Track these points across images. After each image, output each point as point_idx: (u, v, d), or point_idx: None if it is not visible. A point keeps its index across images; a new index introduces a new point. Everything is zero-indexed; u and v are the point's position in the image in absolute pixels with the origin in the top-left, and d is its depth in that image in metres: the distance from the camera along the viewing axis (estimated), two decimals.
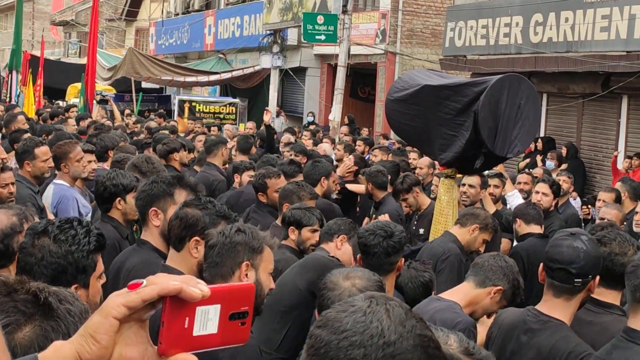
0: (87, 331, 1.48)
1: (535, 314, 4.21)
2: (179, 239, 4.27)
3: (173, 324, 1.48)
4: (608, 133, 18.93)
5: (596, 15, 16.71)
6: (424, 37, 27.34)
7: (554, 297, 4.15)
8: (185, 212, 4.29)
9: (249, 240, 3.83)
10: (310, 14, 24.90)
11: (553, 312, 4.14)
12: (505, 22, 19.58)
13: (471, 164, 7.42)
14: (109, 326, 1.46)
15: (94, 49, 23.22)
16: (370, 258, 4.94)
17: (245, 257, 3.81)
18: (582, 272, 4.06)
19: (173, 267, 4.22)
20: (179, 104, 30.61)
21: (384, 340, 1.61)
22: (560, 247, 4.12)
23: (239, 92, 34.37)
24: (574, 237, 4.13)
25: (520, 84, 7.21)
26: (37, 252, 3.34)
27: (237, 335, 1.55)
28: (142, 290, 1.46)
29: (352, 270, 3.68)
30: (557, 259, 4.09)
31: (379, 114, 26.39)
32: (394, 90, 7.98)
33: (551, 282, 4.15)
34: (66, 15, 56.93)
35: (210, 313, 1.51)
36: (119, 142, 10.90)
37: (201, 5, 40.39)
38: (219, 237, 3.86)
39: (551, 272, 4.14)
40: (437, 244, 6.75)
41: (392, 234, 4.95)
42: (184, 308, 1.48)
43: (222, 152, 10.72)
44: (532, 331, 4.18)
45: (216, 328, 1.52)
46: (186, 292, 1.47)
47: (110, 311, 1.46)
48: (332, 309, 1.72)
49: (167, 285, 1.46)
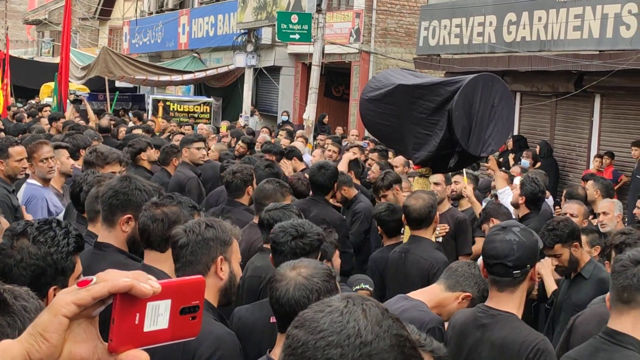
0: (36, 330, 1.45)
1: (484, 309, 4.28)
2: (163, 239, 4.22)
3: (124, 320, 1.47)
4: (581, 132, 19.04)
5: (569, 14, 16.81)
6: (398, 37, 27.38)
7: (499, 291, 4.22)
8: (164, 212, 4.26)
9: (219, 235, 3.83)
10: (285, 13, 24.90)
11: (501, 305, 4.20)
12: (478, 21, 19.66)
13: (445, 163, 7.44)
14: (59, 324, 1.43)
15: (67, 48, 23.12)
16: (277, 256, 4.67)
17: (218, 251, 3.82)
18: (519, 264, 4.12)
19: (155, 267, 4.19)
20: (153, 103, 30.47)
21: (360, 340, 1.61)
22: (494, 242, 4.19)
23: (213, 91, 34.31)
24: (506, 230, 4.20)
25: (494, 84, 7.23)
26: (16, 253, 3.32)
27: (187, 330, 1.54)
28: (92, 287, 1.44)
29: (299, 261, 3.62)
30: (493, 255, 4.17)
31: (353, 113, 26.41)
32: (368, 89, 7.98)
33: (493, 278, 4.23)
34: (39, 14, 56.62)
35: (160, 308, 1.50)
36: (91, 141, 10.86)
37: (175, 4, 40.28)
38: (189, 235, 3.83)
39: (490, 267, 4.21)
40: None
41: (304, 235, 4.68)
42: (134, 304, 1.47)
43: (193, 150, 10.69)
44: (484, 326, 4.23)
45: (167, 323, 1.51)
46: (137, 288, 1.45)
47: (59, 309, 1.43)
48: (309, 309, 1.71)
49: (117, 282, 1.44)
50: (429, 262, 6.50)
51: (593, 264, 6.30)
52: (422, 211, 6.55)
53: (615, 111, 18.14)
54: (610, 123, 18.24)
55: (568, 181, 18.44)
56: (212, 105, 31.17)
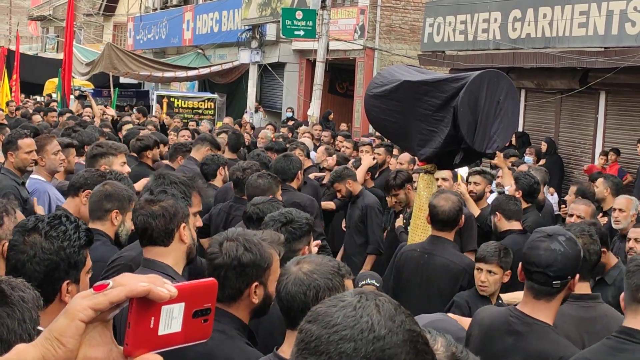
0: (52, 334, 1.45)
1: (519, 315, 4.15)
2: (167, 233, 4.23)
3: (139, 324, 1.47)
4: (586, 129, 19.03)
5: (574, 11, 16.79)
6: (403, 33, 27.38)
7: (535, 299, 4.10)
8: (163, 207, 4.27)
9: (257, 260, 3.69)
10: (289, 9, 24.92)
11: (536, 313, 4.09)
12: (483, 17, 19.64)
13: (450, 159, 7.42)
14: (75, 329, 1.43)
15: (71, 43, 23.13)
16: None
17: (254, 277, 3.69)
18: (561, 275, 4.01)
19: (159, 260, 4.21)
20: (157, 99, 30.48)
21: (374, 334, 1.62)
22: (538, 249, 4.06)
23: (218, 88, 34.33)
24: (551, 238, 4.07)
25: (500, 80, 7.22)
26: (28, 249, 3.32)
27: (200, 333, 1.55)
28: (109, 292, 1.44)
29: (306, 257, 3.61)
30: (535, 262, 4.04)
31: (358, 110, 26.43)
32: (373, 85, 7.97)
33: (531, 285, 4.11)
34: (44, 10, 56.70)
35: (174, 312, 1.51)
36: (97, 137, 10.88)
37: (179, 0, 40.30)
38: (224, 258, 3.70)
39: (530, 274, 4.09)
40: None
41: (292, 220, 4.81)
42: (150, 308, 1.47)
43: (205, 150, 10.68)
44: (518, 334, 4.13)
45: (180, 326, 1.52)
46: (154, 292, 1.45)
47: (76, 314, 1.43)
48: (321, 304, 1.72)
49: (135, 286, 1.44)
50: (462, 267, 6.43)
51: (618, 270, 6.18)
52: (450, 213, 6.45)
53: (620, 108, 18.13)
54: (615, 120, 18.22)
55: (573, 178, 18.42)
56: (217, 102, 31.16)
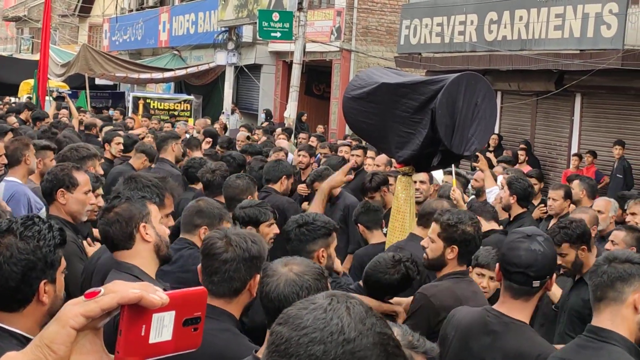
0: (43, 341, 1.44)
1: (496, 314, 4.17)
2: (126, 237, 4.27)
3: (131, 332, 1.47)
4: (561, 131, 19.14)
5: (550, 14, 16.88)
6: (379, 35, 27.43)
7: (512, 298, 4.12)
8: (117, 213, 4.30)
9: (262, 252, 3.79)
10: (266, 11, 24.90)
11: (513, 313, 4.11)
12: (460, 20, 19.71)
13: (428, 161, 7.43)
14: (67, 336, 1.43)
15: (47, 45, 23.01)
16: (288, 244, 5.01)
17: (258, 269, 3.76)
18: (541, 275, 4.03)
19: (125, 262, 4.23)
20: (133, 100, 30.39)
21: (343, 337, 1.61)
22: (518, 250, 4.06)
23: (194, 89, 34.28)
24: (531, 239, 4.08)
25: (477, 82, 7.23)
26: (4, 250, 3.30)
27: (190, 341, 1.56)
28: (101, 299, 1.43)
29: (292, 259, 3.63)
30: (516, 263, 4.05)
31: (334, 111, 26.46)
32: (351, 88, 7.96)
33: (509, 285, 4.11)
34: (18, 10, 56.35)
35: (165, 320, 1.51)
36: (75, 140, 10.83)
37: (155, 2, 40.21)
38: (236, 250, 3.76)
39: (509, 274, 4.09)
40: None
41: (307, 222, 4.96)
42: (141, 316, 1.47)
43: (173, 147, 10.58)
44: (495, 333, 4.14)
45: (171, 335, 1.52)
46: (146, 299, 1.45)
47: (67, 320, 1.43)
48: (293, 307, 1.71)
49: (127, 293, 1.44)
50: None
51: None
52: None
53: (596, 110, 18.25)
54: (591, 122, 18.34)
55: (549, 180, 18.50)
56: (193, 103, 31.11)
